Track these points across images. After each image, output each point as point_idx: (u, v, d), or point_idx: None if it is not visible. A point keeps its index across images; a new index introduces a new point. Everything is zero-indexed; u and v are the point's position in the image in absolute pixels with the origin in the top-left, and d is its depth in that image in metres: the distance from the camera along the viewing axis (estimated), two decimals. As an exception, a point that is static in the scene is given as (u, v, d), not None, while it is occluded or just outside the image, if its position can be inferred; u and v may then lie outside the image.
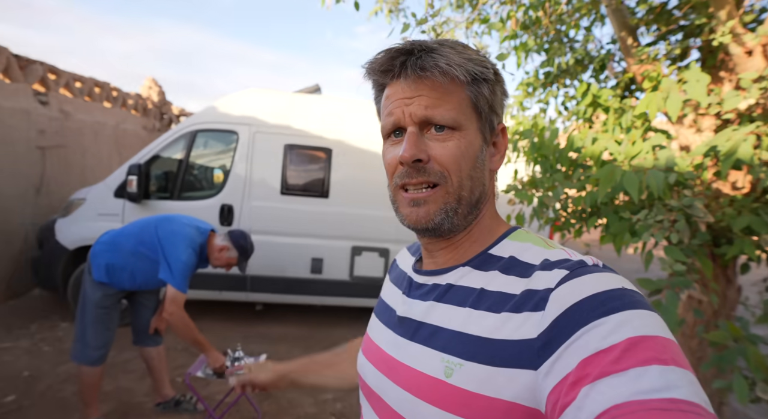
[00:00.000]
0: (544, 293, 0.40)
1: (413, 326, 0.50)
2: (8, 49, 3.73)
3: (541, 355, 0.38)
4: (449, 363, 0.43)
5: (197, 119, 3.53)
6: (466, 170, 0.48)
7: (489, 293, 0.45)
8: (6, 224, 3.57)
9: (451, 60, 0.45)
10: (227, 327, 3.56)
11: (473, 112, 0.48)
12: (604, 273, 0.41)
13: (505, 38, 2.42)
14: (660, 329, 0.35)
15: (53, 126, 4.12)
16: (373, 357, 0.55)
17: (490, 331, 0.42)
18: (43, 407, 2.31)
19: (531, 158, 2.00)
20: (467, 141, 0.47)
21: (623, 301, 0.37)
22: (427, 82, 0.46)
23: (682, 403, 0.30)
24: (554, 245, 0.47)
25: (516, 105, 2.50)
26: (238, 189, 3.47)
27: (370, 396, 0.54)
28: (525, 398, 0.39)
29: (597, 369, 0.33)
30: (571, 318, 0.37)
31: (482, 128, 0.49)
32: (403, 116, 0.47)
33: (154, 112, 6.62)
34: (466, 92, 0.47)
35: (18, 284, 3.71)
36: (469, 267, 0.49)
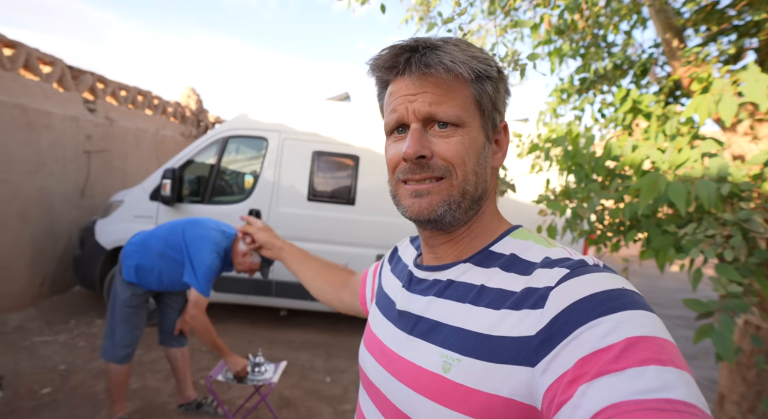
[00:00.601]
0: (544, 291, 0.41)
1: (412, 320, 0.51)
2: (63, 60, 4.00)
3: (538, 353, 0.38)
4: (448, 359, 0.44)
5: (229, 125, 3.63)
6: (471, 165, 0.48)
7: (489, 290, 0.45)
8: (53, 224, 3.78)
9: (455, 57, 0.45)
10: (252, 331, 3.59)
11: (476, 109, 0.48)
12: (605, 273, 0.41)
13: (539, 44, 2.34)
14: (658, 330, 0.35)
15: (99, 132, 4.36)
16: (373, 349, 0.55)
17: (488, 327, 0.43)
18: (76, 401, 2.39)
19: (564, 166, 1.91)
20: (471, 137, 0.48)
21: (622, 301, 0.37)
22: (431, 79, 0.46)
23: (678, 404, 0.30)
24: (555, 244, 0.48)
25: (549, 112, 2.40)
26: (267, 195, 3.52)
27: (369, 388, 0.55)
28: (522, 394, 0.39)
29: (595, 368, 0.33)
30: (569, 317, 0.37)
31: (485, 126, 0.49)
32: (407, 112, 0.47)
33: (191, 119, 6.91)
34: (469, 89, 0.48)
35: (61, 280, 3.92)
36: (470, 264, 0.50)
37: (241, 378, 2.05)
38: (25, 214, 3.45)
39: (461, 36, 1.33)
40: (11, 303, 3.38)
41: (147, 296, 2.12)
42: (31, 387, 2.47)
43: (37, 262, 3.61)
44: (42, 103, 3.64)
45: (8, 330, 3.14)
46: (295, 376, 2.85)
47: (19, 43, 3.48)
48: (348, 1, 1.59)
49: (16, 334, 3.10)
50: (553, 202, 1.77)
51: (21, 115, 3.38)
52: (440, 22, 1.30)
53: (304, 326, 3.82)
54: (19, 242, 3.42)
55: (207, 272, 1.90)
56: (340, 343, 3.49)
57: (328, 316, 4.01)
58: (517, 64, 1.34)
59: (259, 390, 2.21)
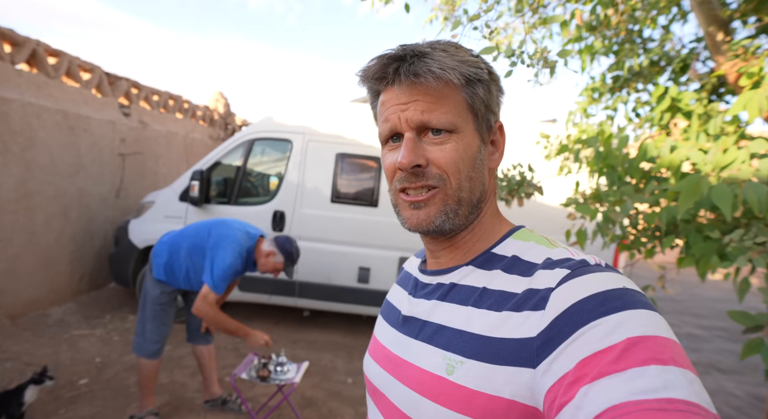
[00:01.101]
0: (545, 293, 0.41)
1: (418, 325, 0.51)
2: (101, 67, 4.19)
3: (539, 354, 0.38)
4: (451, 361, 0.44)
5: (255, 128, 3.70)
6: (465, 171, 0.48)
7: (491, 292, 0.45)
8: (91, 223, 3.97)
9: (444, 64, 0.45)
10: (275, 331, 3.65)
11: (469, 113, 0.48)
12: (606, 273, 0.40)
13: (569, 41, 2.26)
14: (660, 329, 0.35)
15: (133, 135, 4.55)
16: (378, 356, 0.56)
17: (490, 329, 0.43)
18: (110, 392, 2.49)
19: (595, 168, 1.83)
20: (465, 143, 0.48)
21: (623, 301, 0.36)
22: (421, 87, 0.46)
23: (679, 403, 0.30)
24: (557, 244, 0.47)
25: (579, 112, 2.31)
26: (291, 196, 3.57)
27: (374, 395, 0.55)
28: (524, 396, 0.39)
29: (595, 369, 0.33)
30: (570, 318, 0.37)
31: (479, 128, 0.49)
32: (399, 121, 0.48)
33: (219, 122, 7.11)
34: (461, 94, 0.48)
35: (98, 277, 4.11)
36: (472, 266, 0.50)
37: (265, 377, 2.07)
38: (66, 214, 3.64)
39: (487, 34, 1.29)
40: (54, 297, 3.57)
41: (175, 294, 2.18)
42: (70, 377, 2.60)
43: (76, 259, 3.80)
44: (81, 108, 3.83)
45: (51, 323, 3.32)
46: (317, 376, 2.87)
47: (62, 51, 3.67)
48: (371, 1, 1.59)
49: (58, 327, 3.27)
50: (582, 205, 1.69)
51: (63, 120, 3.57)
52: (465, 20, 1.27)
53: (327, 327, 3.84)
54: (61, 240, 3.60)
55: (224, 269, 1.93)
56: (362, 345, 3.48)
57: (351, 318, 4.02)
58: (547, 62, 1.29)
59: (281, 390, 2.23)
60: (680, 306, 5.53)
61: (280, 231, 3.51)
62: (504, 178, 1.95)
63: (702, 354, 3.86)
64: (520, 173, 1.97)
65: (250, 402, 2.47)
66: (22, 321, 3.20)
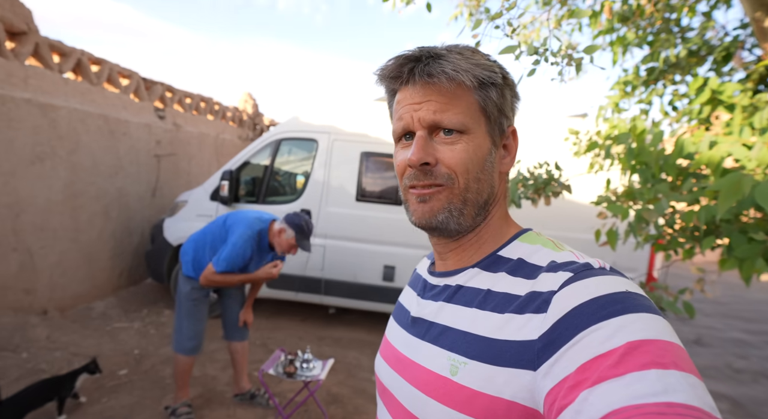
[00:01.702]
0: (547, 296, 0.41)
1: (425, 326, 0.52)
2: (138, 73, 4.40)
3: (540, 356, 0.38)
4: (454, 362, 0.45)
5: (281, 128, 3.78)
6: (474, 172, 0.48)
7: (495, 294, 0.46)
8: (129, 221, 4.19)
9: (458, 66, 0.46)
10: (302, 328, 3.72)
11: (482, 115, 0.49)
12: (609, 276, 0.40)
13: (599, 33, 2.17)
14: (662, 332, 0.34)
15: (167, 137, 4.75)
16: (388, 356, 0.57)
17: (492, 331, 0.43)
18: (147, 383, 2.63)
19: (627, 165, 1.75)
20: (475, 144, 0.48)
21: (625, 304, 0.36)
22: (434, 87, 0.47)
23: (679, 407, 0.29)
24: (564, 248, 0.48)
25: (610, 106, 2.22)
26: (317, 195, 3.62)
27: (383, 394, 0.56)
28: (524, 398, 0.39)
29: (596, 374, 0.33)
30: (571, 321, 0.37)
31: (491, 131, 0.50)
32: (412, 120, 0.49)
33: (248, 123, 7.30)
34: (474, 96, 0.48)
35: (136, 273, 4.33)
36: (478, 268, 0.50)
37: (291, 373, 2.12)
38: (107, 213, 3.85)
39: (510, 32, 1.26)
40: (97, 292, 3.79)
41: (207, 290, 2.26)
42: (111, 368, 2.75)
43: (116, 255, 4.01)
44: (121, 112, 4.03)
45: (94, 316, 3.53)
46: (342, 373, 2.90)
47: (103, 60, 3.88)
48: (393, 2, 1.58)
49: (100, 320, 3.47)
50: (614, 204, 1.63)
51: (104, 124, 3.77)
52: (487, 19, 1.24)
53: (352, 324, 3.88)
54: (103, 237, 3.82)
55: (231, 250, 2.01)
56: (386, 343, 3.50)
57: (376, 315, 4.04)
58: (572, 59, 1.24)
59: (307, 386, 2.27)
60: (725, 309, 5.22)
61: (306, 230, 3.58)
62: (530, 176, 1.90)
63: (750, 362, 3.63)
64: (547, 171, 1.91)
65: (277, 396, 2.54)
66: (70, 313, 3.42)
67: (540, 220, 3.23)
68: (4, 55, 2.92)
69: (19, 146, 2.95)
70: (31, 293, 3.11)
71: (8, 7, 2.97)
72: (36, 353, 2.72)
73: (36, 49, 3.20)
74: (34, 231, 3.10)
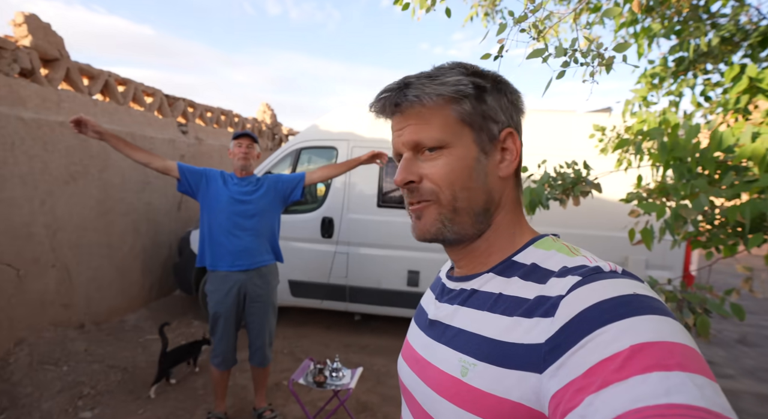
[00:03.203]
0: (555, 300, 0.42)
1: (441, 328, 0.54)
2: (161, 90, 4.54)
3: (546, 360, 0.39)
4: (465, 363, 0.46)
5: (301, 137, 3.82)
6: (460, 182, 0.50)
7: (505, 298, 0.47)
8: (157, 235, 4.31)
9: (421, 90, 0.50)
10: (328, 335, 3.73)
11: (464, 126, 0.51)
12: (618, 279, 0.41)
13: (622, 25, 2.10)
14: (668, 334, 0.34)
15: (190, 151, 4.87)
16: (408, 357, 0.59)
17: (501, 333, 0.44)
18: (180, 394, 2.68)
19: (660, 161, 1.68)
20: (457, 156, 0.51)
21: (630, 307, 0.37)
22: (410, 112, 0.51)
23: (680, 408, 0.29)
24: (578, 253, 0.48)
25: (637, 101, 2.14)
26: (338, 202, 3.64)
27: (405, 394, 0.58)
28: (530, 400, 0.40)
29: (600, 378, 0.33)
30: (578, 326, 0.38)
31: (478, 139, 0.52)
32: (399, 145, 0.53)
33: (267, 133, 7.43)
34: (448, 112, 0.51)
35: (165, 285, 4.44)
36: (493, 273, 0.52)
37: (321, 382, 2.12)
38: (136, 228, 3.98)
39: (535, 34, 1.23)
40: (129, 305, 3.91)
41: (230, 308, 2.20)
42: (145, 379, 2.82)
43: (146, 269, 4.13)
44: (146, 129, 4.17)
45: (127, 328, 3.63)
46: (371, 381, 2.89)
47: (128, 80, 4.03)
48: (412, 9, 1.57)
49: (133, 332, 3.57)
50: (647, 203, 1.56)
51: (131, 141, 3.90)
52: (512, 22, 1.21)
53: (379, 331, 3.87)
54: (134, 251, 3.94)
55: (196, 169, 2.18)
56: (413, 349, 3.46)
57: (402, 321, 4.02)
58: (603, 58, 1.19)
59: (337, 395, 2.27)
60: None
61: (329, 237, 3.59)
62: (558, 176, 1.85)
63: (798, 361, 3.42)
64: (575, 170, 1.86)
65: (308, 405, 2.54)
66: (105, 326, 3.53)
67: (570, 220, 3.15)
68: (39, 81, 3.07)
69: (55, 167, 3.08)
70: (69, 307, 3.23)
71: (42, 36, 3.12)
72: (75, 366, 2.82)
73: (67, 74, 3.34)
74: (71, 248, 3.23)
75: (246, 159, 2.20)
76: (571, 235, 3.23)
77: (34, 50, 3.03)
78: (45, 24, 3.16)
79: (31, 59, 2.99)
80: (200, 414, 2.46)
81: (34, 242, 2.92)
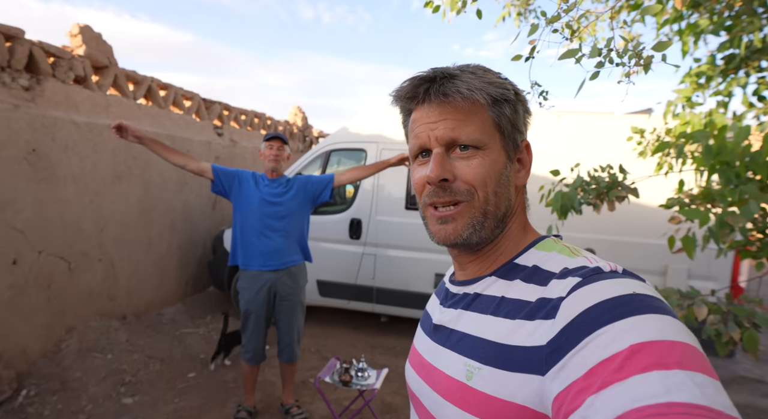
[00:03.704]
0: (556, 302, 0.42)
1: (446, 333, 0.54)
2: (199, 95, 4.75)
3: (548, 362, 0.39)
4: (470, 367, 0.46)
5: (331, 139, 3.88)
6: (492, 185, 0.50)
7: (508, 301, 0.47)
8: (193, 233, 4.50)
9: (471, 85, 0.48)
10: (354, 336, 3.76)
11: (496, 131, 0.51)
12: (618, 279, 0.41)
13: (666, 22, 2.01)
14: (668, 332, 0.34)
15: (225, 153, 5.06)
16: (414, 362, 0.59)
17: (504, 337, 0.44)
18: (212, 387, 2.79)
19: (705, 165, 1.58)
20: (491, 159, 0.50)
21: (630, 307, 0.37)
22: (450, 106, 0.49)
23: (680, 406, 0.29)
24: (579, 254, 0.48)
25: (681, 101, 2.04)
26: (366, 204, 3.67)
27: (413, 400, 0.58)
28: (534, 402, 0.40)
29: (600, 379, 0.33)
30: (578, 327, 0.38)
31: (506, 146, 0.52)
32: (429, 139, 0.51)
33: (298, 135, 7.60)
34: (488, 113, 0.50)
35: (200, 281, 4.63)
36: (495, 277, 0.52)
37: (346, 381, 2.15)
38: (174, 226, 4.17)
39: (569, 34, 1.20)
40: (167, 299, 4.10)
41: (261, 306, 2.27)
42: (181, 370, 2.96)
43: (183, 265, 4.32)
44: (184, 132, 4.37)
45: (165, 321, 3.81)
46: (396, 383, 2.89)
47: (169, 84, 4.24)
48: (442, 11, 1.57)
49: (170, 325, 3.74)
50: (690, 209, 1.48)
51: (171, 144, 4.10)
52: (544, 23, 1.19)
53: (405, 333, 3.87)
54: (171, 248, 4.14)
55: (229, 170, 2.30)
56: (439, 352, 3.44)
57: (427, 324, 3.99)
58: (641, 58, 1.14)
59: (362, 395, 2.29)
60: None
61: (358, 239, 3.63)
62: (592, 180, 1.79)
63: None
64: (611, 174, 1.79)
65: (333, 403, 2.58)
66: (144, 318, 3.73)
67: (603, 225, 3.03)
68: (90, 87, 3.28)
69: (103, 167, 3.28)
70: (113, 299, 3.43)
71: (94, 46, 3.34)
72: (118, 355, 2.99)
73: (115, 80, 3.56)
74: (115, 244, 3.43)
75: (276, 161, 2.27)
76: (607, 241, 3.10)
77: (87, 59, 3.25)
78: (97, 34, 3.39)
79: (84, 67, 3.20)
80: (231, 406, 2.54)
81: (83, 237, 3.12)
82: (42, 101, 2.84)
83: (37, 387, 2.56)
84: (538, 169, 3.26)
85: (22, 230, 2.66)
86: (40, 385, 2.58)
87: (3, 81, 2.63)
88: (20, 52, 2.73)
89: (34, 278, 2.74)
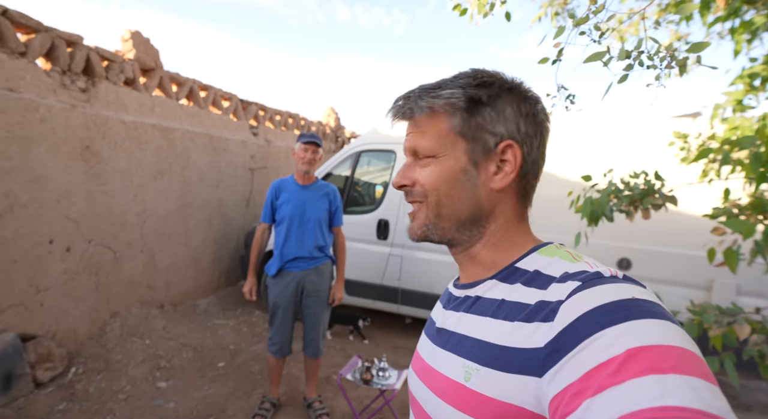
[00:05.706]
0: (555, 305, 0.42)
1: (447, 335, 0.55)
2: (236, 95, 4.94)
3: (545, 364, 0.40)
4: (468, 368, 0.47)
5: (361, 140, 3.93)
6: (444, 189, 0.53)
7: (507, 303, 0.48)
8: (228, 228, 4.69)
9: (415, 104, 0.54)
10: (379, 336, 3.79)
11: (458, 138, 0.53)
12: (618, 284, 0.41)
13: (716, 21, 1.89)
14: (666, 337, 0.35)
15: (260, 152, 5.23)
16: (416, 365, 0.60)
17: (503, 338, 0.45)
18: (240, 377, 2.90)
19: (754, 173, 1.48)
20: (445, 165, 0.53)
21: (628, 311, 0.37)
22: (414, 121, 0.56)
23: (675, 410, 0.29)
24: (581, 259, 0.48)
25: (730, 104, 1.91)
26: (394, 205, 3.68)
27: (413, 403, 0.59)
28: (531, 404, 0.41)
29: (597, 383, 0.34)
30: (576, 330, 0.38)
31: (470, 151, 0.53)
32: (404, 149, 0.58)
33: (331, 136, 7.73)
34: (444, 124, 0.53)
35: (232, 275, 4.81)
36: (496, 280, 0.53)
37: (367, 380, 2.17)
38: (209, 221, 4.36)
39: (597, 36, 1.16)
40: (201, 290, 4.30)
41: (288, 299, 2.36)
42: (212, 360, 3.09)
43: (217, 259, 4.51)
44: (222, 131, 4.56)
45: (199, 312, 4.00)
46: (417, 385, 2.89)
47: (209, 86, 4.44)
48: (470, 15, 1.56)
49: (204, 316, 3.92)
50: (735, 220, 1.39)
51: (209, 142, 4.30)
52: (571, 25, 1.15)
53: (428, 335, 3.84)
54: (206, 242, 4.33)
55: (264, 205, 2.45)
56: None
57: (452, 327, 3.96)
58: (675, 60, 1.08)
59: (383, 394, 2.31)
60: None
61: (385, 239, 3.65)
62: (625, 187, 1.71)
63: None
64: (646, 181, 1.70)
65: (354, 401, 2.61)
66: (180, 308, 3.92)
67: (637, 234, 2.89)
68: (138, 89, 3.50)
69: (146, 164, 3.49)
70: (153, 288, 3.64)
71: (143, 50, 3.56)
72: (156, 341, 3.17)
73: (160, 81, 3.78)
74: (156, 236, 3.63)
75: (310, 164, 2.35)
76: (645, 251, 2.96)
77: (136, 62, 3.47)
78: (146, 39, 3.61)
79: (133, 70, 3.42)
80: (256, 397, 2.63)
81: (127, 229, 3.33)
82: (95, 102, 3.06)
83: (85, 366, 2.76)
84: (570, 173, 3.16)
85: (76, 221, 2.88)
86: (87, 364, 2.78)
87: (63, 83, 2.86)
88: (79, 57, 2.96)
89: (84, 266, 2.95)
